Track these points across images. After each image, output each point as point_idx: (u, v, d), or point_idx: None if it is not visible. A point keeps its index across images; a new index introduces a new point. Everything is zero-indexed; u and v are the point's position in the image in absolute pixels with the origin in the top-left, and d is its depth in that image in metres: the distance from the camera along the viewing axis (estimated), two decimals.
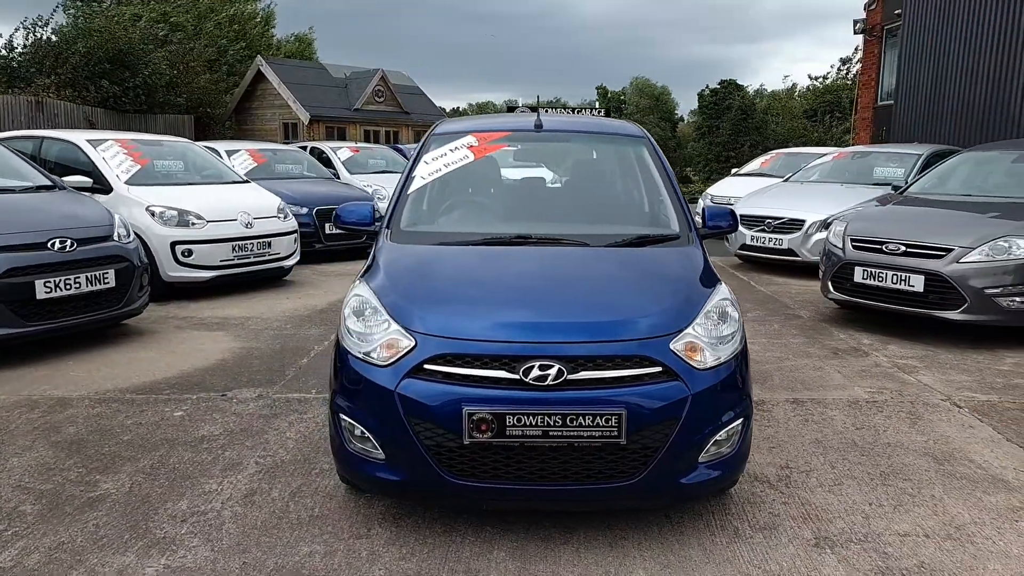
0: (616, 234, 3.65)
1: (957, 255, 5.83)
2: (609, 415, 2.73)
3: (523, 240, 3.55)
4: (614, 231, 3.71)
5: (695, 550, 2.98)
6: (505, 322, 2.93)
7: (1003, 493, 3.46)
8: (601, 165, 4.36)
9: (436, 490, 2.89)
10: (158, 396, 4.70)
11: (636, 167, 4.21)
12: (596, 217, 4.00)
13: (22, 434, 4.07)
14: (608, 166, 4.35)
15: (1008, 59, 12.87)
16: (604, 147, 4.42)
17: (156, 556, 2.90)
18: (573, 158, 4.51)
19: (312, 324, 6.66)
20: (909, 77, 16.36)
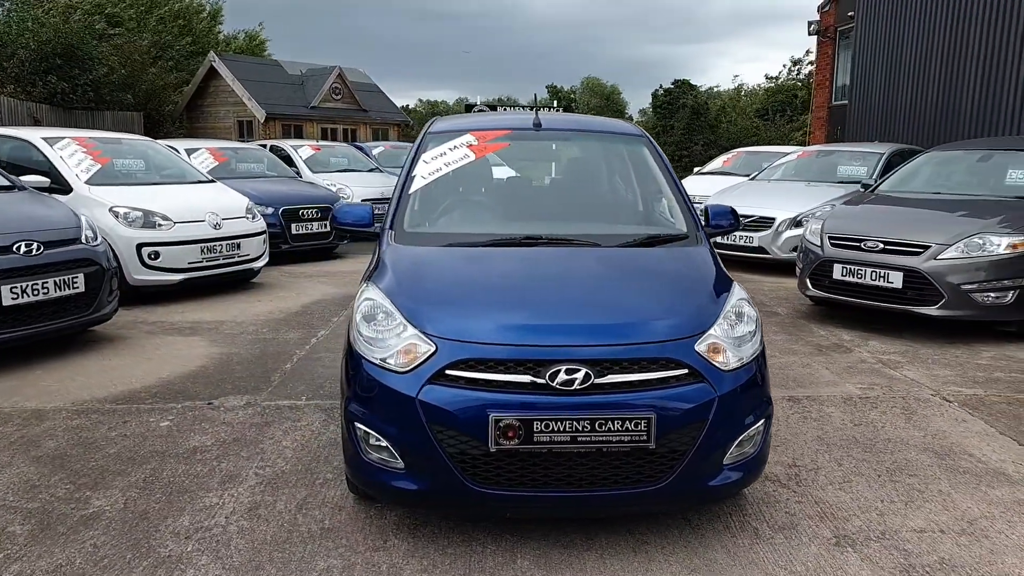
0: (626, 234, 3.61)
1: (934, 252, 5.96)
2: (639, 419, 2.68)
3: (533, 241, 3.48)
4: (623, 231, 3.67)
5: (719, 552, 2.96)
6: (528, 326, 2.86)
7: (1006, 487, 3.53)
8: (603, 164, 4.32)
9: (459, 499, 2.80)
10: (140, 406, 4.50)
11: (638, 166, 4.18)
12: (602, 217, 3.96)
13: None
14: (610, 165, 4.31)
15: (958, 61, 13.25)
16: (604, 146, 4.38)
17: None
18: (574, 157, 4.45)
19: (289, 328, 6.48)
20: (862, 78, 16.76)
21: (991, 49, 12.35)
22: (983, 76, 12.57)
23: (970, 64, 12.94)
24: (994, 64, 12.28)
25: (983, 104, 12.62)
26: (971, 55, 12.91)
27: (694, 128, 39.04)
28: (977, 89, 12.75)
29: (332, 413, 4.39)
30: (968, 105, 13.02)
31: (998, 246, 5.87)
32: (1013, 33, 11.83)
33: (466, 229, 3.72)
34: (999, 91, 12.20)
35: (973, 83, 12.85)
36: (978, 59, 12.70)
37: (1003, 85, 12.08)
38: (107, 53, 20.66)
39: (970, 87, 12.95)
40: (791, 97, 40.98)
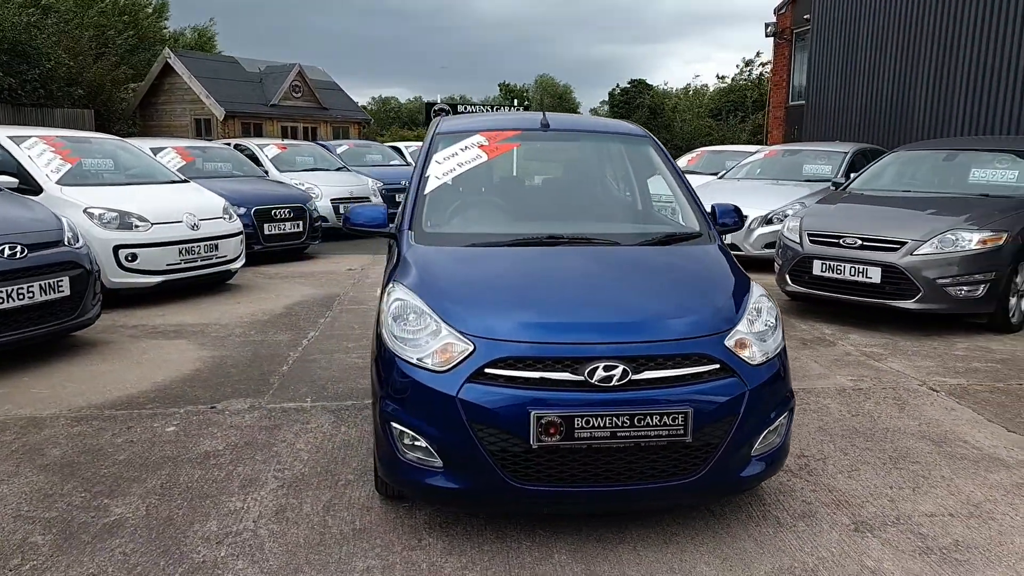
0: (643, 233, 3.69)
1: (910, 248, 6.19)
2: (676, 414, 2.76)
3: (555, 240, 3.53)
4: (639, 230, 3.74)
5: (747, 542, 3.05)
6: (564, 324, 2.90)
7: (1003, 471, 3.70)
8: (612, 164, 4.39)
9: (500, 496, 2.83)
10: (141, 411, 4.42)
11: (646, 165, 4.26)
12: (617, 216, 4.03)
13: (1, 459, 3.75)
14: (619, 165, 4.38)
15: (911, 63, 13.72)
16: (612, 146, 4.45)
17: None
18: (584, 157, 4.51)
19: (277, 329, 6.41)
20: (819, 79, 17.21)
21: (942, 54, 12.81)
22: (935, 79, 13.03)
23: (922, 68, 13.41)
24: (945, 68, 12.75)
25: (935, 106, 13.09)
26: (923, 59, 13.37)
27: (652, 127, 39.56)
28: (929, 92, 13.21)
29: (341, 415, 4.37)
30: (921, 107, 13.49)
31: (970, 242, 6.12)
32: (962, 39, 12.30)
33: (485, 229, 3.75)
34: (950, 94, 12.67)
35: (925, 86, 13.32)
36: (930, 63, 13.16)
37: (954, 88, 12.55)
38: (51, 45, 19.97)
39: (923, 89, 13.42)
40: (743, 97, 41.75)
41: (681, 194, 4.00)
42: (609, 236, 3.60)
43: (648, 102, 40.42)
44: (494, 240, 3.53)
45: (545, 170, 4.50)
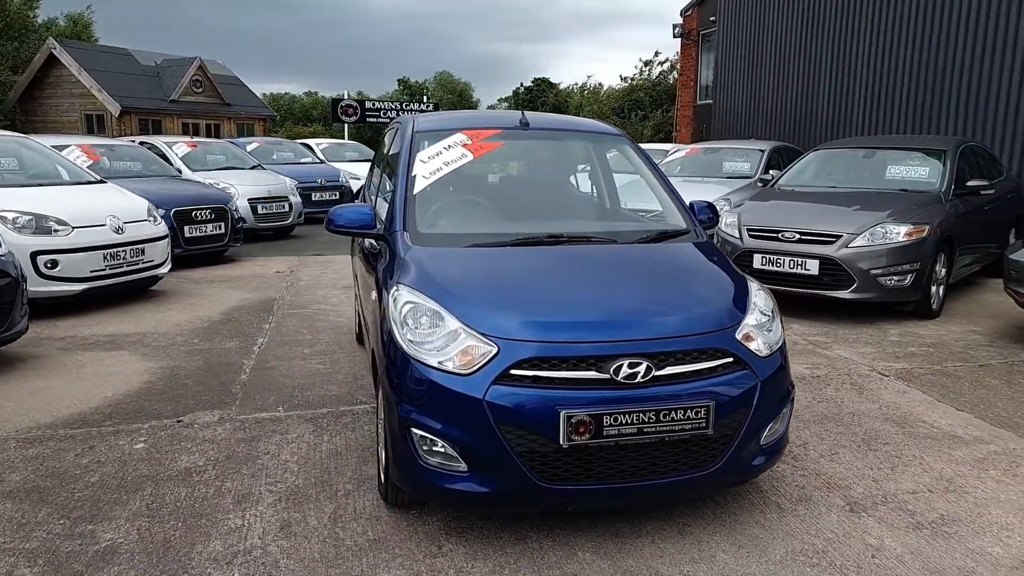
0: (636, 231, 3.74)
1: (845, 241, 6.54)
2: (699, 407, 2.82)
3: (555, 239, 3.54)
4: (631, 227, 3.79)
5: (755, 528, 3.15)
6: (586, 322, 2.91)
7: (963, 448, 3.98)
8: (595, 163, 4.42)
9: (527, 497, 2.82)
10: (100, 429, 4.14)
11: (626, 164, 4.32)
12: (606, 214, 4.06)
13: None
14: (601, 163, 4.43)
15: (814, 65, 14.48)
16: (592, 145, 4.49)
17: None
18: (566, 156, 4.53)
19: (221, 337, 6.14)
20: (726, 79, 17.92)
21: (842, 56, 13.59)
22: (836, 81, 13.80)
23: (824, 69, 14.17)
24: (845, 69, 13.52)
25: (837, 106, 13.86)
26: (825, 61, 14.14)
27: None
28: (831, 92, 13.98)
29: (319, 423, 4.23)
30: (824, 106, 14.26)
31: (898, 234, 6.53)
32: (860, 42, 13.08)
33: (481, 229, 3.71)
34: (851, 95, 13.45)
35: (828, 87, 14.08)
36: (831, 64, 13.93)
37: (854, 89, 13.33)
38: None
39: (826, 89, 14.18)
40: (644, 96, 42.85)
41: (664, 191, 4.09)
42: (606, 234, 3.64)
43: (552, 100, 40.90)
44: (494, 240, 3.50)
45: (530, 169, 4.50)
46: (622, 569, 2.85)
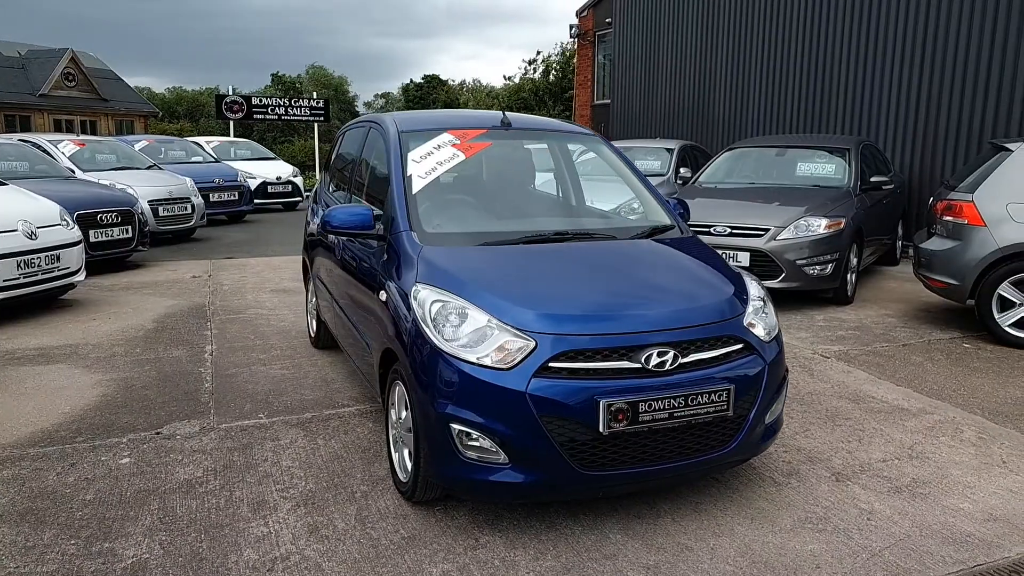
0: (631, 227, 3.92)
1: (773, 234, 7.01)
2: (721, 391, 3.02)
3: (561, 236, 3.66)
4: (626, 224, 3.96)
5: (761, 501, 3.40)
6: (617, 315, 3.05)
7: (913, 418, 4.40)
8: (573, 160, 4.56)
9: (566, 485, 2.93)
10: (74, 446, 3.91)
11: (604, 162, 4.48)
12: (596, 210, 4.20)
13: None
14: (581, 161, 4.56)
15: (711, 64, 15.25)
16: (572, 144, 4.63)
17: None
18: (549, 155, 4.64)
19: (163, 346, 5.87)
20: (622, 79, 18.55)
21: (737, 57, 14.39)
22: (732, 81, 14.60)
23: (720, 70, 14.95)
24: (740, 70, 14.32)
25: (733, 106, 14.66)
26: (721, 62, 14.92)
27: None
28: (727, 93, 14.77)
29: (308, 428, 4.17)
30: (720, 107, 15.04)
31: (819, 227, 7.05)
32: (755, 46, 13.90)
33: (485, 228, 3.78)
34: (746, 95, 14.27)
35: (723, 87, 14.87)
36: (727, 65, 14.72)
37: (748, 90, 14.15)
38: None
39: (721, 90, 14.97)
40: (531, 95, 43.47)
41: (644, 189, 4.28)
42: (605, 230, 3.79)
43: (443, 98, 40.87)
44: (504, 239, 3.58)
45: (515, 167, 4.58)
46: (654, 547, 3.01)
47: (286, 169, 18.44)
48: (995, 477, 3.67)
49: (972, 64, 9.96)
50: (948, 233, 6.25)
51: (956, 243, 6.13)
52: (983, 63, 9.83)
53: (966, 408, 4.58)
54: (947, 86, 10.31)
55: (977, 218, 5.98)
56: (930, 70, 10.53)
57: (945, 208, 6.27)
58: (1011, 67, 9.51)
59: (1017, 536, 3.13)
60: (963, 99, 10.11)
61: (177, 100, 51.64)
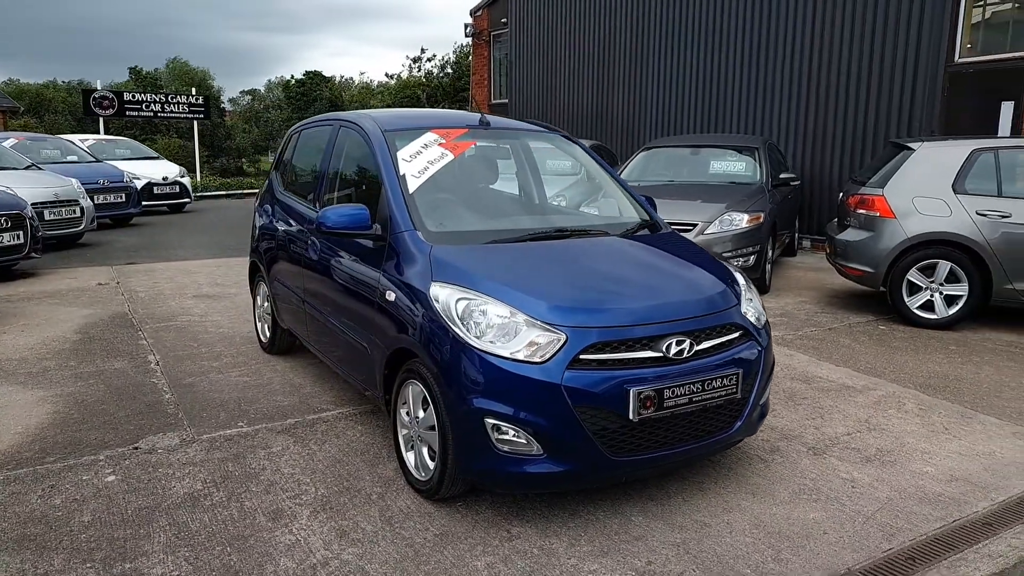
0: (620, 223, 4.08)
1: (701, 228, 7.39)
2: (731, 375, 3.23)
3: (561, 233, 3.76)
4: (613, 220, 4.11)
5: (756, 478, 3.64)
6: (637, 307, 3.18)
7: (860, 395, 4.81)
8: (557, 160, 4.66)
9: (598, 472, 3.05)
10: (45, 467, 3.65)
11: (581, 162, 4.62)
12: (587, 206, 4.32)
13: None
14: (559, 161, 4.67)
15: (608, 67, 15.76)
16: (550, 145, 4.72)
17: None
18: (529, 154, 4.70)
19: (99, 357, 5.52)
20: (520, 79, 18.84)
21: (634, 60, 14.95)
22: (629, 83, 15.16)
23: (617, 71, 15.48)
24: (639, 72, 14.89)
25: (630, 107, 15.23)
26: (618, 64, 15.45)
27: None
28: (625, 94, 15.32)
29: (296, 434, 4.08)
30: (618, 106, 15.58)
31: (742, 221, 7.51)
32: (652, 48, 14.49)
33: (485, 226, 3.83)
34: (643, 96, 14.85)
35: (621, 88, 15.41)
36: (624, 67, 15.26)
37: (645, 92, 14.74)
38: None
39: (619, 91, 15.50)
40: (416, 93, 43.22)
41: (618, 187, 4.45)
42: (599, 227, 3.93)
43: (328, 95, 39.90)
44: (509, 236, 3.65)
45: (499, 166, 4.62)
46: (676, 526, 3.18)
47: (172, 169, 17.53)
48: (943, 443, 4.09)
49: (855, 70, 10.83)
50: (861, 225, 6.81)
51: (869, 234, 6.69)
52: (863, 70, 10.71)
53: (900, 383, 5.05)
54: (833, 91, 11.16)
55: (888, 211, 6.55)
56: (817, 76, 11.36)
57: (858, 202, 6.83)
58: (889, 73, 10.42)
59: (979, 493, 3.51)
60: (847, 103, 10.98)
61: (17, 94, 47.46)
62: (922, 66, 10.11)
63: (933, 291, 6.47)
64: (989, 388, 4.98)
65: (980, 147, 6.47)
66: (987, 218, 6.22)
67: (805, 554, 2.98)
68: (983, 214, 6.23)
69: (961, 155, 6.46)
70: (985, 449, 4.00)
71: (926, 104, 10.08)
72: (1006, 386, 5.03)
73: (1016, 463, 3.83)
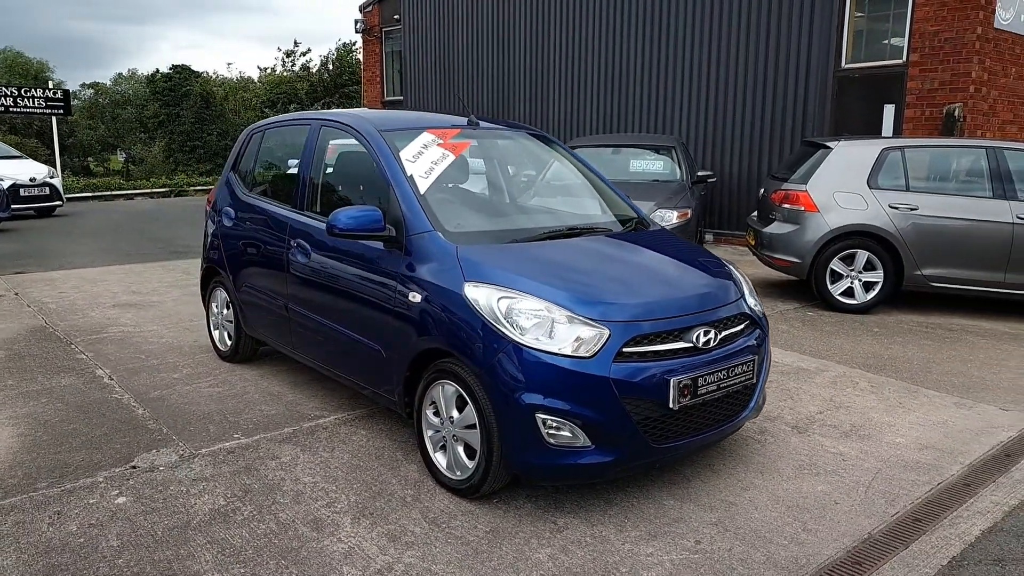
0: (617, 220, 4.22)
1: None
2: (749, 361, 3.46)
3: (573, 231, 3.87)
4: (610, 218, 4.25)
5: (759, 456, 3.90)
6: (667, 301, 3.34)
7: (817, 376, 5.21)
8: (546, 159, 4.73)
9: (642, 459, 3.20)
10: (43, 494, 3.39)
11: (566, 160, 4.72)
12: (581, 205, 4.42)
13: None
14: (546, 159, 4.74)
15: (508, 67, 15.96)
16: (536, 144, 4.78)
17: None
18: (518, 153, 4.75)
19: (38, 374, 5.12)
20: (415, 76, 18.73)
21: (536, 58, 15.22)
22: (531, 81, 15.42)
23: (519, 69, 15.71)
24: (539, 70, 15.18)
25: (533, 105, 15.50)
26: (520, 61, 15.67)
27: (205, 118, 37.45)
28: (526, 97, 15.57)
29: (300, 442, 3.98)
30: (519, 104, 15.81)
31: (672, 217, 7.88)
32: (553, 46, 14.81)
33: (500, 226, 3.87)
34: (545, 94, 15.15)
35: (523, 86, 15.65)
36: (526, 65, 15.50)
37: (548, 90, 15.05)
38: None
39: (520, 88, 15.74)
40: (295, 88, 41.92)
41: (604, 185, 4.60)
42: (601, 224, 4.07)
43: (198, 90, 37.96)
44: (526, 235, 3.72)
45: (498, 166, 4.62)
46: (706, 506, 3.37)
47: (40, 169, 16.23)
48: (902, 415, 4.51)
49: (752, 75, 11.55)
50: (786, 218, 7.32)
51: (795, 227, 7.21)
52: (760, 74, 11.44)
53: (846, 364, 5.51)
54: (732, 94, 11.85)
55: (811, 205, 7.08)
56: (716, 79, 12.02)
57: (783, 197, 7.34)
58: (783, 77, 11.19)
59: (949, 458, 3.92)
60: (745, 105, 11.69)
61: None
62: (813, 71, 10.92)
63: (853, 278, 7.05)
64: (920, 365, 5.52)
65: (889, 146, 7.11)
66: (898, 210, 6.85)
67: (827, 523, 3.24)
68: (895, 207, 6.86)
69: (873, 153, 7.07)
70: (939, 419, 4.46)
71: (818, 106, 10.90)
72: (933, 362, 5.59)
73: (968, 429, 4.29)
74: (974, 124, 9.97)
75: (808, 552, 3.01)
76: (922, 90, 10.03)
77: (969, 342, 6.16)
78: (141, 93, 47.05)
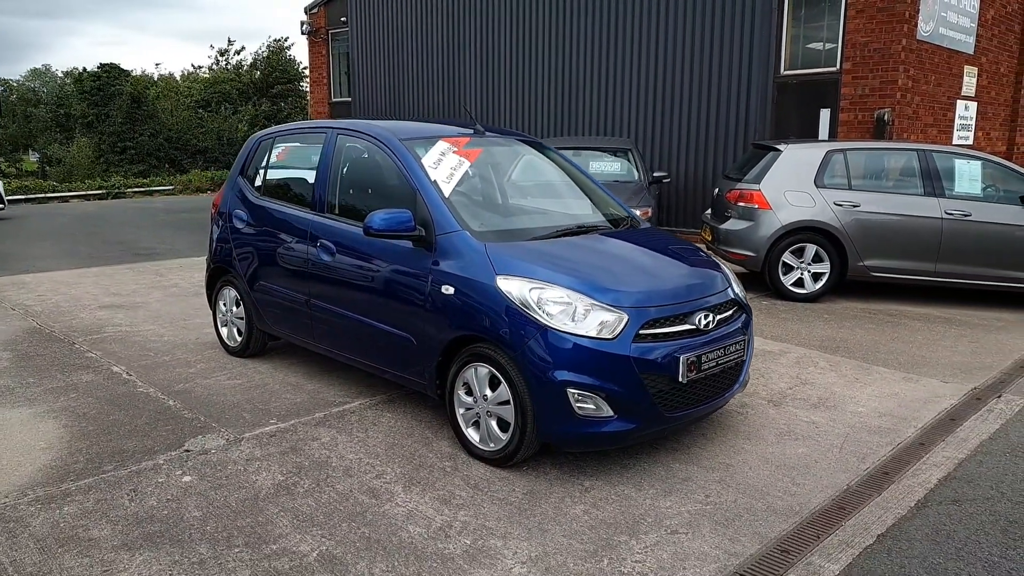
0: (613, 218, 4.70)
1: None
2: (740, 341, 3.99)
3: (581, 229, 4.34)
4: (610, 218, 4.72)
5: (744, 426, 4.44)
6: (673, 289, 3.84)
7: (782, 357, 5.82)
8: (543, 163, 5.16)
9: (656, 426, 3.69)
10: (113, 475, 3.66)
11: (563, 165, 5.18)
12: (580, 206, 4.87)
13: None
14: (543, 164, 5.18)
15: (456, 64, 16.31)
16: (528, 148, 5.21)
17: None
18: (521, 158, 5.17)
19: (56, 372, 5.31)
20: (364, 78, 18.92)
21: (484, 69, 15.64)
22: (481, 83, 15.84)
23: (469, 71, 16.10)
24: (489, 71, 15.61)
25: (482, 113, 15.91)
26: (469, 64, 16.06)
27: (136, 118, 36.54)
28: (476, 93, 15.98)
29: (334, 425, 4.33)
30: (470, 106, 16.21)
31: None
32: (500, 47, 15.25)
33: (519, 225, 4.30)
34: (496, 96, 15.58)
35: (472, 87, 16.05)
36: (474, 75, 15.91)
37: (498, 91, 15.49)
38: None
39: (470, 91, 16.13)
40: (230, 88, 41.24)
41: (595, 187, 5.08)
42: (602, 224, 4.55)
43: (128, 90, 36.99)
44: (544, 233, 4.17)
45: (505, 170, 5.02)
46: (708, 468, 3.89)
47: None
48: (860, 388, 5.14)
49: (696, 80, 12.25)
50: (741, 216, 7.96)
51: (750, 223, 7.85)
52: (704, 80, 12.16)
53: (804, 346, 6.14)
54: (678, 98, 12.53)
55: (765, 203, 7.74)
56: (663, 84, 12.69)
57: (738, 196, 7.98)
58: (727, 83, 11.92)
59: (905, 423, 4.54)
60: (691, 109, 12.39)
61: None
62: (755, 77, 11.68)
63: (803, 270, 7.74)
64: (869, 346, 6.20)
65: (832, 149, 7.82)
66: (842, 207, 7.56)
67: (812, 478, 3.79)
68: (839, 204, 7.57)
69: (819, 155, 7.78)
70: (891, 391, 5.10)
71: (759, 110, 11.67)
72: (879, 343, 6.28)
73: (918, 399, 4.94)
74: (901, 127, 10.88)
75: (800, 501, 3.55)
76: (855, 96, 10.88)
77: (908, 325, 6.89)
78: (57, 91, 45.47)
